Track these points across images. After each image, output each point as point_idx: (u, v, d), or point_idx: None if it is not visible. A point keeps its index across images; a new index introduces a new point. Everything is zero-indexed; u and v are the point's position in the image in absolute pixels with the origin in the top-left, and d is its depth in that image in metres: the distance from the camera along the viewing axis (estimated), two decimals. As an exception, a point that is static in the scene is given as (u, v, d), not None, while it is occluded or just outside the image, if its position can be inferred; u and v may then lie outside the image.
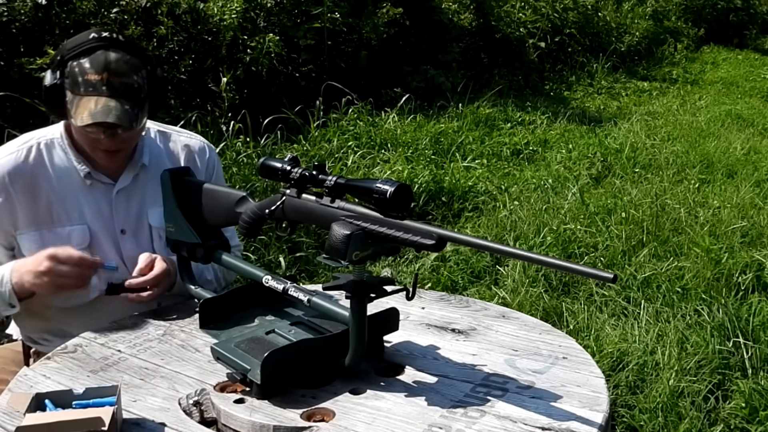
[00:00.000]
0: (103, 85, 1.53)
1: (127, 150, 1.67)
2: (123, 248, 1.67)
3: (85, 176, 1.65)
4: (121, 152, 1.65)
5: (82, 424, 1.11)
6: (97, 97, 1.53)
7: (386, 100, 6.37)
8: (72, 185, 1.65)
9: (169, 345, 1.45)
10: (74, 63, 1.55)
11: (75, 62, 1.55)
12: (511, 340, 1.43)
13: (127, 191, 1.69)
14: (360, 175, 4.58)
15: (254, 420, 1.17)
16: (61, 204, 1.64)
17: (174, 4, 5.11)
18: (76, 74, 1.55)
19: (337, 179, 1.27)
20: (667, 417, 2.39)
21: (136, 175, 1.70)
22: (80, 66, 1.55)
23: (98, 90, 1.53)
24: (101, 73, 1.54)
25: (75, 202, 1.65)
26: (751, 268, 3.33)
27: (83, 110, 1.53)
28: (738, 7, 13.56)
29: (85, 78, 1.54)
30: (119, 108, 1.53)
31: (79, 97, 1.54)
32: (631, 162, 5.38)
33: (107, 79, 1.54)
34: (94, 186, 1.67)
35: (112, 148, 1.62)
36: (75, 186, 1.65)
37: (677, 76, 10.04)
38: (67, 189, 1.65)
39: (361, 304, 1.22)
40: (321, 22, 6.05)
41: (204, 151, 1.80)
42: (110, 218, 1.67)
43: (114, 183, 1.68)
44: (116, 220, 1.67)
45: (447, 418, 1.16)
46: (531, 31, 8.74)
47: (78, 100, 1.54)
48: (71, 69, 1.55)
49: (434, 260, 3.56)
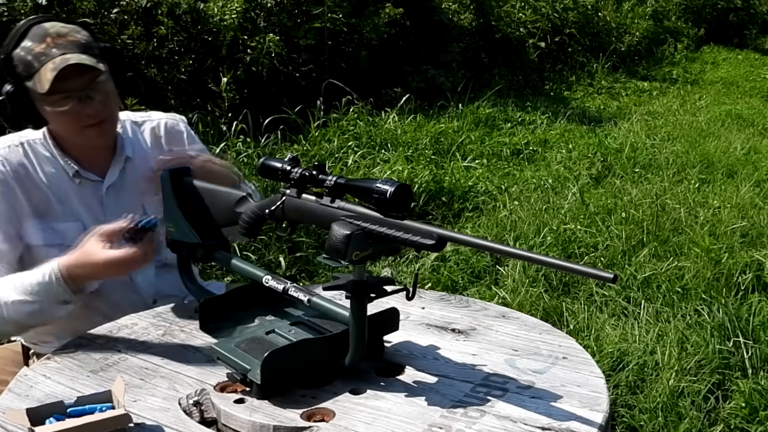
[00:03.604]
0: (51, 48, 1.52)
1: (111, 119, 1.64)
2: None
3: (73, 175, 1.65)
4: (106, 123, 1.62)
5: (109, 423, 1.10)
6: (51, 60, 1.51)
7: (386, 100, 6.37)
8: (62, 183, 1.65)
9: (169, 345, 1.45)
10: (17, 51, 1.54)
11: (17, 49, 1.54)
12: (511, 340, 1.43)
13: (116, 187, 1.69)
14: (360, 175, 4.58)
15: (254, 420, 1.17)
16: (56, 200, 1.63)
17: (174, 4, 5.12)
18: (23, 57, 1.53)
19: (337, 179, 1.26)
20: (667, 417, 2.39)
21: (122, 169, 1.69)
22: (23, 48, 1.53)
23: (49, 54, 1.52)
24: (44, 40, 1.53)
25: (67, 199, 1.65)
26: (751, 268, 3.33)
27: (44, 75, 1.50)
28: (738, 7, 13.55)
29: (33, 54, 1.52)
30: (76, 57, 1.52)
31: (36, 74, 1.52)
32: (631, 162, 5.38)
33: (52, 42, 1.53)
34: (83, 185, 1.66)
35: (93, 117, 1.58)
36: (65, 184, 1.65)
37: (677, 76, 10.04)
38: (59, 187, 1.64)
39: (361, 304, 1.22)
40: (321, 22, 6.05)
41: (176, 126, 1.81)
42: (102, 216, 1.66)
43: (102, 180, 1.67)
44: (108, 217, 1.64)
45: (447, 418, 1.16)
46: (531, 31, 8.73)
47: (37, 77, 1.52)
48: (17, 57, 1.54)
49: (434, 260, 3.56)
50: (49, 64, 1.50)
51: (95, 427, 1.10)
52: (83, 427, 1.10)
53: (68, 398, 1.19)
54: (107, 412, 1.15)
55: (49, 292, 1.45)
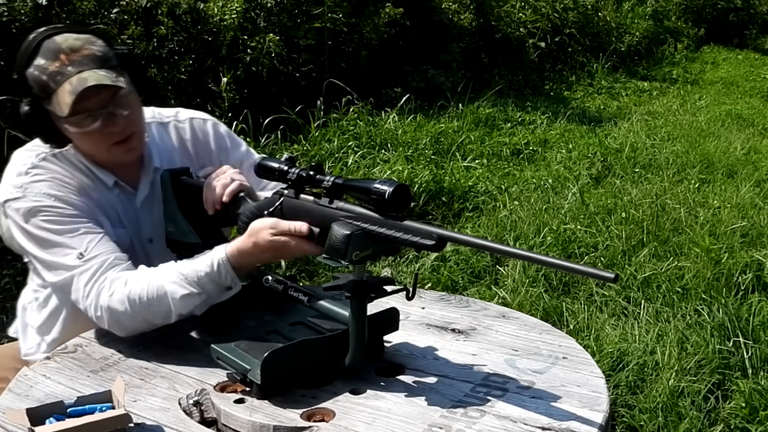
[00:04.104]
0: (67, 66, 1.45)
1: (138, 133, 1.58)
2: (152, 256, 1.63)
3: (112, 186, 1.60)
4: (134, 138, 1.56)
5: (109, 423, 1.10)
6: (68, 81, 1.44)
7: (386, 100, 6.36)
8: (101, 192, 1.59)
9: (169, 345, 1.45)
10: (30, 70, 1.47)
11: (30, 68, 1.47)
12: (511, 340, 1.43)
13: (149, 200, 1.64)
14: (360, 175, 4.57)
15: (254, 420, 1.18)
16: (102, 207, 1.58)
17: (174, 4, 5.11)
18: (37, 77, 1.46)
19: (335, 179, 1.26)
20: (667, 417, 2.39)
21: (152, 181, 1.64)
22: (36, 67, 1.47)
23: (65, 74, 1.45)
24: (57, 57, 1.46)
25: (110, 206, 1.60)
26: (751, 268, 3.33)
27: (62, 98, 1.44)
28: (738, 7, 13.55)
29: (47, 73, 1.45)
30: (94, 75, 1.45)
31: (53, 95, 1.45)
32: (631, 162, 5.38)
33: (67, 59, 1.45)
34: (120, 195, 1.61)
35: (119, 134, 1.52)
36: (104, 193, 1.59)
37: (677, 76, 10.04)
38: (100, 194, 1.59)
39: (361, 304, 1.22)
40: (321, 22, 6.05)
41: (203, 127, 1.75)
42: (138, 227, 1.63)
43: (135, 192, 1.63)
44: (144, 229, 1.64)
45: (447, 418, 1.16)
46: (531, 31, 8.73)
47: (55, 99, 1.46)
48: (31, 77, 1.47)
49: (434, 260, 3.56)
50: (66, 86, 1.44)
51: (95, 427, 1.10)
52: (83, 427, 1.10)
53: (68, 398, 1.19)
54: (107, 412, 1.15)
55: (217, 281, 1.40)
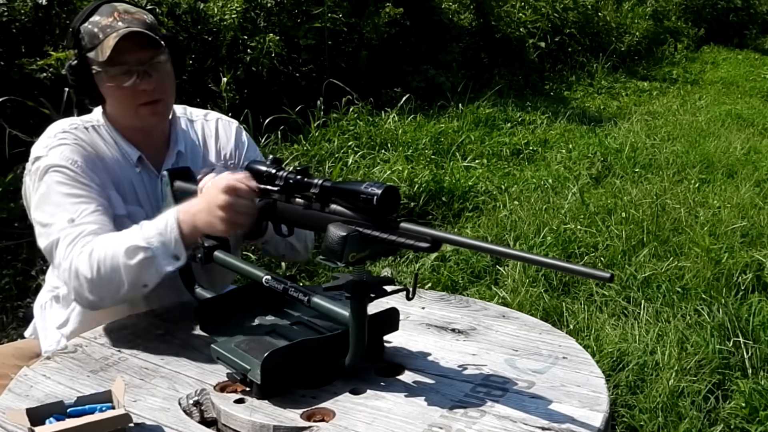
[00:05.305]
0: (118, 21, 1.56)
1: (165, 102, 1.65)
2: None
3: (135, 162, 1.65)
4: (160, 104, 1.63)
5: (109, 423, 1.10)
6: (116, 31, 1.55)
7: (386, 99, 6.36)
8: (126, 168, 1.65)
9: (169, 345, 1.45)
10: (85, 24, 1.59)
11: (86, 23, 1.59)
12: (511, 340, 1.43)
13: None
14: (360, 175, 4.58)
15: (254, 420, 1.18)
16: (120, 183, 1.63)
17: (174, 4, 5.11)
18: (90, 30, 1.57)
19: (323, 182, 1.26)
20: (667, 417, 2.39)
21: (174, 163, 1.70)
22: (91, 23, 1.58)
23: (114, 27, 1.56)
24: (112, 14, 1.58)
25: (129, 184, 1.65)
26: (751, 268, 3.33)
27: (106, 44, 1.54)
28: (738, 7, 13.55)
29: (100, 26, 1.57)
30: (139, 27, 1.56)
31: (99, 45, 1.55)
32: (631, 162, 5.38)
33: (119, 16, 1.57)
34: (143, 173, 1.67)
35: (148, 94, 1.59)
36: (128, 170, 1.65)
37: (677, 76, 10.04)
38: (121, 171, 1.64)
39: (361, 304, 1.22)
40: (321, 22, 6.05)
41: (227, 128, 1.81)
42: (156, 208, 1.64)
43: (157, 174, 1.67)
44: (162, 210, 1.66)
45: (447, 418, 1.16)
46: (531, 31, 8.73)
47: (99, 47, 1.55)
48: (84, 30, 1.58)
49: (434, 260, 3.56)
50: (112, 36, 1.54)
51: (95, 427, 1.10)
52: (83, 427, 1.10)
53: (68, 398, 1.19)
54: (107, 412, 1.15)
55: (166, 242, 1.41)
